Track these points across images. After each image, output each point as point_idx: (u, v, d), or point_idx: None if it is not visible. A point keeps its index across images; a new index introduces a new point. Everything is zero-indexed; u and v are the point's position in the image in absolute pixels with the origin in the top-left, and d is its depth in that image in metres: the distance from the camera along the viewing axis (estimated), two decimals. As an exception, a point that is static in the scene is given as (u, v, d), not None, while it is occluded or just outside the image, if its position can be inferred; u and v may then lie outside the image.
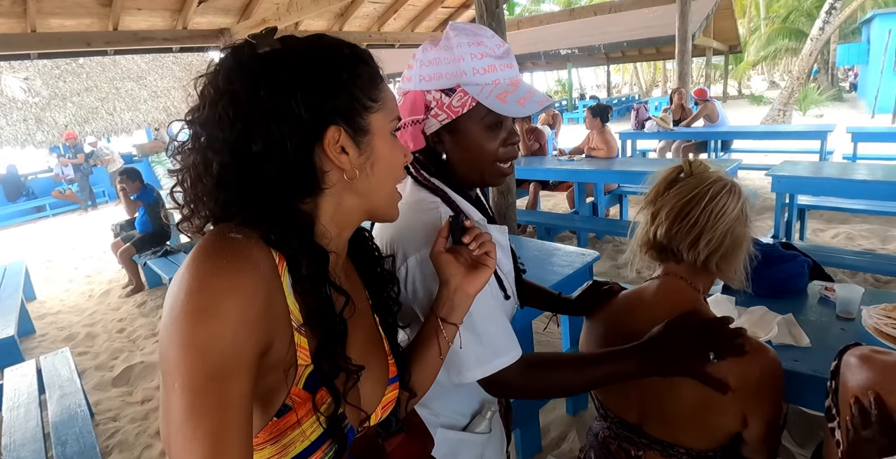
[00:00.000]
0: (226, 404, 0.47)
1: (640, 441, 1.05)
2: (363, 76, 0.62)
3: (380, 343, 0.75)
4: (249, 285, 0.52)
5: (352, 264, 0.76)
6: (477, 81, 0.83)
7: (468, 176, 0.93)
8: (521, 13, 26.75)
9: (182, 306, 0.49)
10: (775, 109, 12.03)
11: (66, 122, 9.44)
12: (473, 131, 0.87)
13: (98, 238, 7.25)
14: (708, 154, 6.68)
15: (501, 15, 3.22)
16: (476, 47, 0.83)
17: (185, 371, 0.47)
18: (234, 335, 0.49)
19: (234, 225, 0.57)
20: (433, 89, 0.85)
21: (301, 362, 0.58)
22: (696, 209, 0.96)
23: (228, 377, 0.48)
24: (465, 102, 0.83)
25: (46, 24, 4.69)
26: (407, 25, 7.45)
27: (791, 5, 19.09)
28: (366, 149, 0.63)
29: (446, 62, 0.83)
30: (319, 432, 0.60)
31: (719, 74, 22.65)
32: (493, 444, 1.04)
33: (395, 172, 0.68)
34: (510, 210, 3.52)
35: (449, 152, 0.90)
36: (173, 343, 0.48)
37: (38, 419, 2.17)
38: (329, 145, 0.59)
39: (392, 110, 0.66)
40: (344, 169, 0.61)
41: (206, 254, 0.52)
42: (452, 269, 0.76)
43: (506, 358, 0.84)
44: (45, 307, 4.72)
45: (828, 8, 10.55)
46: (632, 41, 13.09)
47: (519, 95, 0.83)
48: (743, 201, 0.98)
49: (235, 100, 0.56)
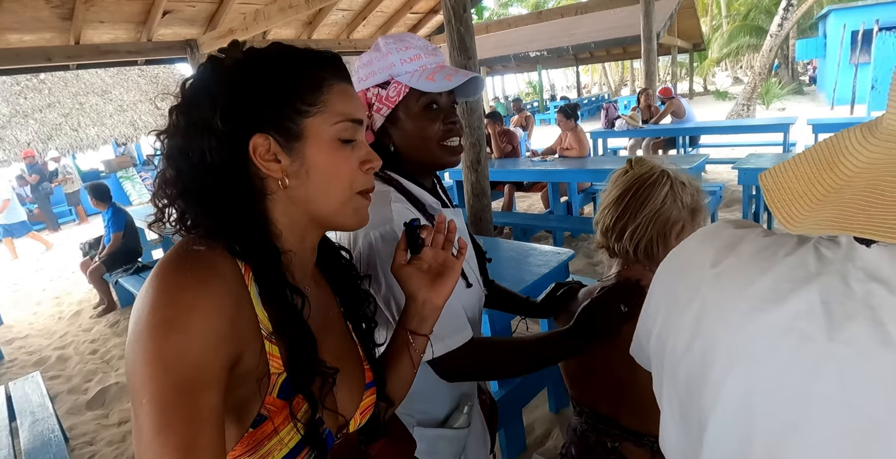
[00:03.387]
0: (196, 418, 0.47)
1: (614, 432, 1.07)
2: (301, 80, 0.61)
3: (354, 350, 0.75)
4: (216, 297, 0.52)
5: (321, 273, 0.76)
6: (406, 69, 0.90)
7: (421, 161, 0.97)
8: (489, 17, 26.99)
9: (147, 320, 0.48)
10: (739, 104, 12.36)
11: (28, 139, 9.17)
12: (413, 116, 0.93)
13: (64, 259, 7.04)
14: (677, 150, 6.83)
15: (469, 20, 3.24)
16: (401, 43, 0.92)
17: (153, 387, 0.46)
18: (202, 348, 0.49)
19: (198, 237, 0.58)
20: (371, 86, 0.91)
21: (273, 370, 0.58)
22: (622, 203, 1.00)
23: (197, 391, 0.47)
24: (400, 91, 0.90)
25: (4, 40, 4.57)
26: (376, 32, 7.47)
27: (751, 3, 19.63)
28: (297, 156, 0.61)
29: (377, 60, 0.91)
30: (297, 439, 0.60)
31: (685, 71, 23.16)
32: (473, 439, 1.04)
33: (341, 179, 0.63)
34: (486, 212, 3.54)
35: (397, 143, 0.95)
36: (140, 359, 0.47)
37: (9, 447, 2.10)
38: (256, 154, 0.59)
39: (340, 113, 0.62)
40: (275, 177, 0.60)
41: (170, 267, 0.52)
42: (417, 282, 0.75)
43: (458, 337, 0.88)
44: (12, 332, 4.56)
45: (785, 5, 10.90)
46: (599, 42, 13.31)
47: (445, 73, 0.90)
48: (670, 187, 0.97)
49: (180, 112, 0.59)
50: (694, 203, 0.99)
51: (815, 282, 0.43)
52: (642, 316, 0.65)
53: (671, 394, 0.56)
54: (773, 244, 0.49)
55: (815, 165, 0.45)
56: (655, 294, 0.61)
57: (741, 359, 0.46)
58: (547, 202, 5.20)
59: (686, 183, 0.99)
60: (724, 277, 0.50)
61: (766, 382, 0.44)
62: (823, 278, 0.43)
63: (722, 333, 0.48)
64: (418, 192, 0.96)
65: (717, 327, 0.49)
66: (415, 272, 0.75)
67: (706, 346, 0.50)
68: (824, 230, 0.38)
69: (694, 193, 1.00)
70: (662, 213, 0.97)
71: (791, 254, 0.47)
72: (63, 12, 4.56)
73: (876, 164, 0.40)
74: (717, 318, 0.49)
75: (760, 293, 0.46)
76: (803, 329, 0.42)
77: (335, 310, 0.75)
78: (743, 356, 0.46)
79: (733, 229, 0.55)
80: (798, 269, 0.45)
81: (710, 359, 0.49)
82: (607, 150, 7.53)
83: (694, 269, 0.54)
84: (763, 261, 0.48)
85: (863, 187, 0.39)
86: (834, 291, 0.42)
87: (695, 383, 0.51)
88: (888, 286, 0.40)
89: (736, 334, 0.47)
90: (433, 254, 0.77)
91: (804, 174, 0.45)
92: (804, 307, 0.43)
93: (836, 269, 0.43)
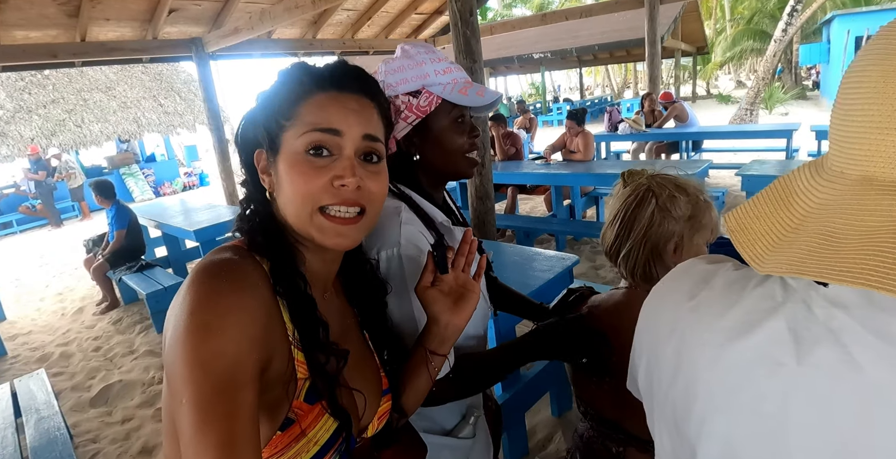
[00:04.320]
0: (234, 415, 0.49)
1: (619, 437, 1.08)
2: (280, 95, 0.64)
3: (371, 357, 0.77)
4: (250, 304, 0.54)
5: (340, 283, 0.78)
6: (439, 81, 0.91)
7: (443, 172, 0.99)
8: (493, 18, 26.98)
9: (186, 324, 0.51)
10: (742, 108, 12.36)
11: (32, 135, 9.17)
12: (442, 127, 0.94)
13: (68, 255, 7.06)
14: (680, 154, 6.84)
15: (476, 23, 3.25)
16: (433, 54, 0.93)
17: (193, 387, 0.49)
18: (237, 350, 0.51)
19: (230, 244, 0.62)
20: (401, 94, 0.91)
21: (300, 375, 0.60)
22: (614, 227, 1.02)
23: (234, 390, 0.50)
24: (431, 101, 0.91)
25: (10, 37, 4.58)
26: (381, 32, 7.47)
27: (755, 7, 19.65)
28: (274, 168, 0.64)
29: (410, 68, 0.91)
30: (325, 439, 0.62)
31: (688, 74, 23.17)
32: (477, 449, 1.04)
33: (297, 193, 0.60)
34: (489, 215, 3.54)
35: (422, 153, 0.95)
36: (179, 361, 0.50)
37: (14, 444, 2.11)
38: (259, 168, 0.65)
39: (308, 124, 0.61)
40: (269, 190, 0.65)
41: (207, 274, 0.55)
42: (440, 305, 0.76)
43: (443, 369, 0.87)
44: (15, 328, 4.58)
45: (789, 9, 10.90)
46: (602, 44, 13.34)
47: (476, 89, 0.93)
48: (655, 206, 0.97)
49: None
50: (691, 210, 0.97)
51: (781, 310, 0.45)
52: (632, 353, 0.66)
53: (661, 428, 0.58)
54: (743, 277, 0.51)
55: (772, 205, 0.46)
56: (641, 330, 0.63)
57: (719, 392, 0.48)
58: (550, 205, 5.21)
59: (676, 194, 0.97)
60: (700, 310, 0.52)
61: (745, 413, 0.45)
62: (788, 306, 0.45)
63: (700, 366, 0.50)
64: (430, 209, 0.97)
65: (695, 360, 0.51)
66: (438, 296, 0.76)
67: (688, 380, 0.51)
68: (784, 272, 0.39)
69: (689, 200, 0.97)
70: (651, 234, 0.97)
71: (759, 285, 0.48)
72: (69, 9, 4.56)
73: (826, 206, 0.41)
74: (694, 351, 0.51)
75: (732, 324, 0.48)
76: (774, 356, 0.43)
77: (352, 319, 0.77)
78: (720, 389, 0.48)
79: (706, 264, 0.57)
80: (765, 300, 0.47)
81: (692, 393, 0.51)
82: (610, 153, 7.54)
83: (672, 304, 0.56)
84: (733, 293, 0.50)
85: (815, 229, 0.40)
86: (799, 317, 0.43)
87: (681, 416, 0.52)
88: (847, 310, 0.41)
89: (712, 367, 0.48)
90: (454, 276, 0.77)
91: (764, 213, 0.46)
92: (772, 334, 0.44)
93: (799, 297, 0.45)
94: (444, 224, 0.98)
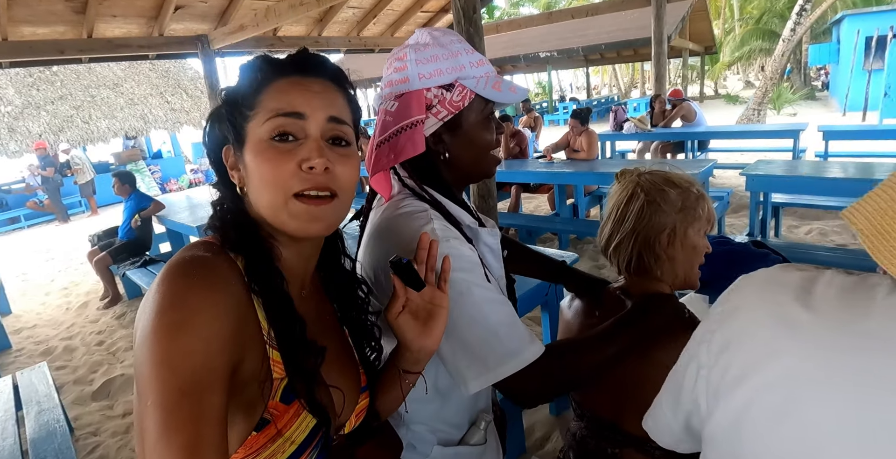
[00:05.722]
0: (200, 418, 0.47)
1: (615, 438, 1.07)
2: (242, 87, 0.62)
3: (350, 354, 0.76)
4: (222, 301, 0.53)
5: (319, 279, 0.77)
6: (473, 74, 0.84)
7: (470, 171, 0.92)
8: (500, 16, 26.93)
9: (154, 323, 0.49)
10: (750, 108, 12.29)
11: (40, 131, 9.25)
12: (475, 124, 0.87)
13: (74, 250, 7.10)
14: (685, 154, 6.80)
15: (479, 20, 3.24)
16: (465, 44, 0.86)
17: (159, 388, 0.47)
18: (207, 350, 0.49)
19: (202, 241, 0.60)
20: (433, 87, 0.82)
21: (276, 375, 0.59)
22: (608, 225, 1.03)
23: (202, 392, 0.48)
24: (465, 96, 0.84)
25: (18, 33, 4.61)
26: (386, 30, 7.46)
27: (763, 7, 19.50)
28: (242, 162, 0.62)
29: (444, 58, 0.82)
30: (302, 438, 0.61)
31: (696, 74, 23.04)
32: (488, 455, 1.02)
33: (267, 181, 0.59)
34: (492, 213, 3.54)
35: (451, 150, 0.87)
36: (147, 360, 0.48)
37: (15, 436, 2.13)
38: (227, 164, 0.64)
39: (271, 110, 0.59)
40: (239, 184, 0.63)
41: (178, 271, 0.53)
42: (412, 332, 0.71)
43: (512, 363, 0.76)
44: (20, 321, 4.61)
45: (798, 9, 10.81)
46: (609, 43, 13.28)
47: (507, 84, 0.86)
48: (644, 201, 0.97)
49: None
50: (682, 202, 0.97)
51: None
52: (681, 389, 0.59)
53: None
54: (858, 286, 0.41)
55: None
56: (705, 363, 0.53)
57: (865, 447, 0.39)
58: (553, 204, 5.20)
59: (665, 188, 0.97)
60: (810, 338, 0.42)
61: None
62: None
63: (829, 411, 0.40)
64: (456, 211, 0.89)
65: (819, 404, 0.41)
66: (409, 320, 0.70)
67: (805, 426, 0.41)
68: None
69: (679, 192, 0.97)
70: (642, 229, 0.98)
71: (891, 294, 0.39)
72: (76, 6, 4.59)
73: None
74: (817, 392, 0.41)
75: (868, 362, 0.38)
76: None
77: (331, 316, 0.76)
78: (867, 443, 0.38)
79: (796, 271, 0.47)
80: None
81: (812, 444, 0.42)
82: (615, 153, 7.51)
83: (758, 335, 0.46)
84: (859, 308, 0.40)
85: None
86: None
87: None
88: None
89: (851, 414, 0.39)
90: (418, 294, 0.70)
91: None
92: None
93: None
94: (472, 227, 0.91)
